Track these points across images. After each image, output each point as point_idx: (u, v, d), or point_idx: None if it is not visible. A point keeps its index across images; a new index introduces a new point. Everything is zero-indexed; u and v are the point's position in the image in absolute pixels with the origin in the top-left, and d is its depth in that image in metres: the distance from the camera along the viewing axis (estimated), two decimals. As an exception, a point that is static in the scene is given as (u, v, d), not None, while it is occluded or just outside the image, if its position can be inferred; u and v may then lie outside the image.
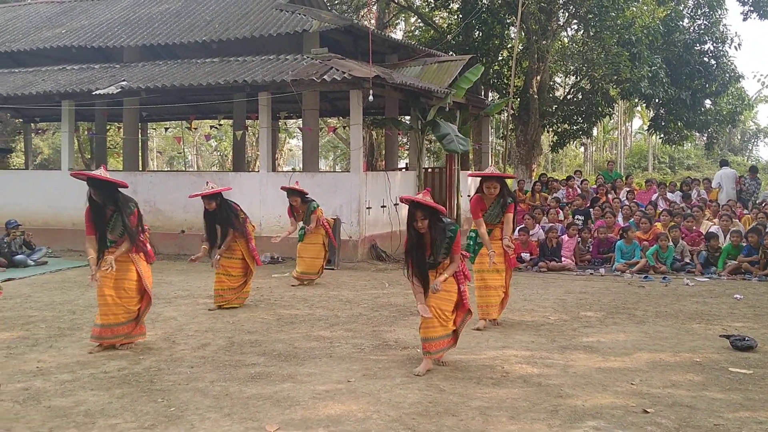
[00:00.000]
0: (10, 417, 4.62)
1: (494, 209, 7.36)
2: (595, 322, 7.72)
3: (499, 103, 18.44)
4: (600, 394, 5.12)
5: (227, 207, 8.26)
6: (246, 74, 12.98)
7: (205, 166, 50.04)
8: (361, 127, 13.23)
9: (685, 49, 21.76)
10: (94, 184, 6.25)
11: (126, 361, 5.96)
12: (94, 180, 6.25)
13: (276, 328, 7.31)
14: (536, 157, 22.09)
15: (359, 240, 12.71)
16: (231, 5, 16.45)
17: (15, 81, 15.25)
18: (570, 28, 23.39)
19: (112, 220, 6.31)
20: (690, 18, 22.76)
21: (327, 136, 36.93)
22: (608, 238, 12.38)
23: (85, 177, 6.34)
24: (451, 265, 5.78)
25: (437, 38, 22.61)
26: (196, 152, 49.26)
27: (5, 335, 6.93)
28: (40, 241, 13.07)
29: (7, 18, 18.71)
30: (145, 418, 4.60)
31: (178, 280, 10.60)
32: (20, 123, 23.98)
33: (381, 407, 4.80)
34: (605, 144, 54.05)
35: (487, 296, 7.39)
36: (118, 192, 6.36)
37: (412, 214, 5.67)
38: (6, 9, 20.11)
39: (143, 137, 18.89)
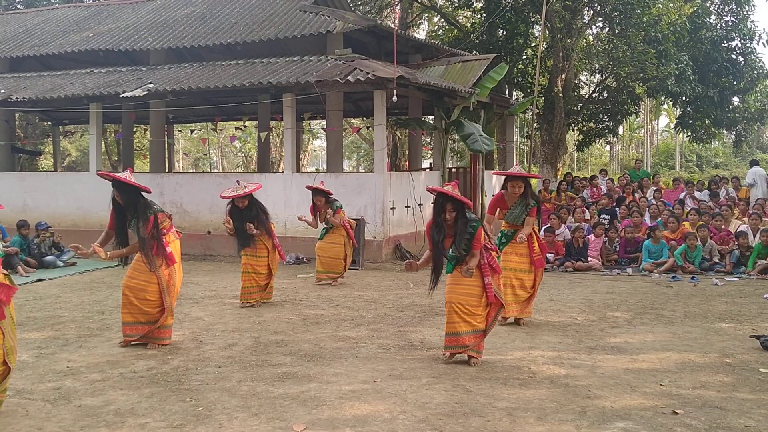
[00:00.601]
0: (41, 416, 4.69)
1: (516, 209, 7.34)
2: (623, 322, 7.65)
3: (524, 102, 18.34)
4: (628, 395, 5.08)
5: (257, 205, 8.44)
6: (270, 76, 13.05)
7: (230, 167, 50.38)
8: (384, 127, 13.23)
9: (712, 46, 21.48)
10: (118, 187, 6.34)
11: (154, 361, 6.03)
12: (119, 182, 6.35)
13: (302, 328, 7.34)
14: (561, 156, 21.93)
15: (383, 240, 12.72)
16: (256, 7, 16.55)
17: (44, 84, 15.48)
18: (595, 26, 23.19)
19: (132, 223, 6.40)
20: (717, 14, 22.48)
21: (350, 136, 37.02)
22: (635, 238, 12.26)
23: (110, 178, 6.41)
24: (471, 261, 5.80)
25: (461, 38, 22.55)
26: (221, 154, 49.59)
27: (36, 335, 7.04)
28: (69, 242, 13.23)
29: (35, 22, 19.00)
30: (173, 417, 4.65)
31: (204, 280, 10.69)
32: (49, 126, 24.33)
33: (407, 408, 4.80)
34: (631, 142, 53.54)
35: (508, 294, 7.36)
36: (141, 197, 6.43)
37: (441, 205, 5.70)
38: (35, 13, 20.43)
39: (169, 139, 19.07)
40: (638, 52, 18.62)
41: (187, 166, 48.67)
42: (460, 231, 5.69)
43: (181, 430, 4.43)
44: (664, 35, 19.22)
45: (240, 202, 8.29)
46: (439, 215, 5.73)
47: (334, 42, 14.16)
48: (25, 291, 9.77)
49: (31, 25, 18.73)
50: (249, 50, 15.04)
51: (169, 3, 18.50)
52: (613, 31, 20.57)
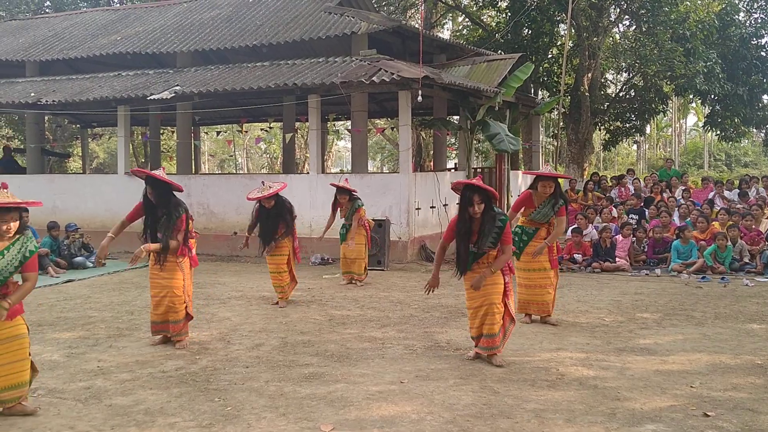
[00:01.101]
0: (72, 415, 4.76)
1: (544, 208, 7.33)
2: (652, 323, 7.56)
3: (550, 101, 18.22)
4: (659, 397, 5.02)
5: (284, 205, 8.54)
6: (296, 77, 13.11)
7: (255, 168, 50.68)
8: (410, 127, 13.22)
9: (741, 44, 21.15)
10: (151, 183, 6.40)
11: (183, 361, 6.08)
12: (153, 179, 6.41)
13: (328, 329, 7.35)
14: (588, 155, 21.77)
15: (409, 241, 12.71)
16: (281, 9, 16.63)
17: (73, 87, 15.70)
18: (622, 24, 22.99)
19: (161, 221, 6.44)
20: (746, 11, 22.16)
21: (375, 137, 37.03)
22: (664, 238, 12.11)
23: (144, 175, 6.47)
24: (501, 257, 5.80)
25: (485, 37, 22.46)
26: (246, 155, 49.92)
27: (67, 335, 7.13)
28: (98, 243, 13.37)
29: (64, 26, 19.26)
30: (202, 417, 4.68)
31: (231, 281, 10.76)
32: (77, 128, 24.67)
33: (435, 408, 4.78)
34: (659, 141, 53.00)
35: (537, 294, 7.43)
36: (172, 194, 6.49)
37: (469, 198, 5.66)
38: (63, 17, 20.72)
39: (196, 141, 19.23)
40: (666, 50, 18.40)
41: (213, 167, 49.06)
42: (489, 224, 5.66)
43: (210, 429, 4.46)
44: (692, 33, 18.97)
45: (267, 202, 8.37)
46: (466, 209, 5.68)
47: (359, 43, 14.18)
48: (56, 291, 9.91)
49: (60, 29, 19.00)
50: (274, 52, 15.12)
51: (196, 6, 18.66)
52: (640, 29, 20.36)
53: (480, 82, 14.10)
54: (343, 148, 50.97)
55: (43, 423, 4.60)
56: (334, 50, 14.60)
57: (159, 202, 6.43)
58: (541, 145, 22.52)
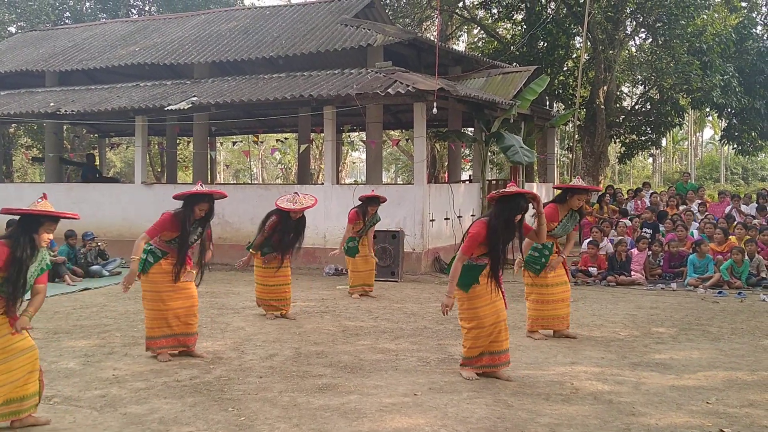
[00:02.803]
0: (88, 423, 4.79)
1: (568, 222, 7.30)
2: (668, 338, 7.51)
3: (565, 114, 18.20)
4: (674, 413, 4.98)
5: (304, 217, 8.52)
6: (311, 88, 13.18)
7: (270, 178, 50.91)
8: (424, 139, 13.25)
9: (758, 57, 21.07)
10: (212, 200, 6.48)
11: (197, 370, 6.10)
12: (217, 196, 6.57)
13: (341, 340, 7.36)
14: (603, 168, 21.69)
15: (423, 252, 12.70)
16: (297, 21, 16.76)
17: (92, 98, 15.87)
18: (638, 37, 22.95)
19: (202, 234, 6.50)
20: (763, 25, 22.12)
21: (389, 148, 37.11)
22: (680, 252, 12.03)
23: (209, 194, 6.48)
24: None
25: (501, 49, 22.50)
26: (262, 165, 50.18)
27: (83, 343, 7.18)
28: (115, 252, 13.51)
29: (84, 37, 19.50)
30: (216, 426, 4.69)
31: (245, 290, 10.79)
32: (95, 138, 24.90)
33: (448, 422, 4.77)
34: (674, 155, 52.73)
35: (559, 308, 7.35)
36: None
37: (520, 206, 5.57)
38: (83, 28, 20.97)
39: (212, 151, 19.37)
40: (682, 63, 18.35)
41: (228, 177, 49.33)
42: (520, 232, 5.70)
43: (224, 439, 4.47)
44: (708, 46, 18.91)
45: (296, 214, 8.33)
46: (513, 217, 5.55)
47: (375, 55, 14.25)
48: (72, 300, 9.99)
49: (80, 40, 19.23)
50: (290, 63, 15.23)
51: (213, 18, 18.85)
52: (657, 42, 20.32)
53: (495, 95, 14.12)
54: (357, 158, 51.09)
55: (58, 431, 4.63)
56: (350, 62, 14.68)
57: (208, 216, 6.49)
58: (556, 157, 22.46)
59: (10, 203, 15.75)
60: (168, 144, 20.40)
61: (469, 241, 5.54)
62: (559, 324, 7.40)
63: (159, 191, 15.27)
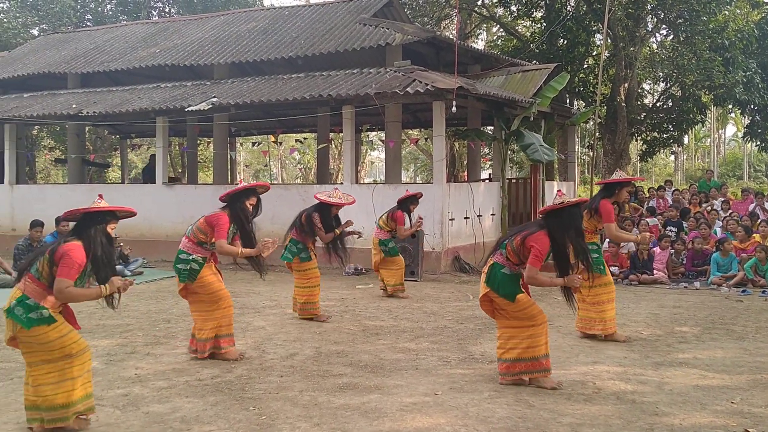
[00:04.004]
0: (111, 422, 4.83)
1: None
2: (691, 337, 7.43)
3: (586, 111, 18.05)
4: (698, 413, 4.92)
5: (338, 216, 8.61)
6: (330, 88, 13.20)
7: (289, 178, 51.08)
8: (444, 138, 13.21)
9: (782, 53, 20.76)
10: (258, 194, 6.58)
11: (218, 369, 6.13)
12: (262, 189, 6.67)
13: (362, 339, 7.36)
14: (624, 166, 21.48)
15: (442, 252, 12.67)
16: (316, 21, 16.78)
17: (113, 99, 16.00)
18: (659, 34, 22.73)
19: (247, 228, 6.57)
20: (787, 20, 21.71)
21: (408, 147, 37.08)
22: (703, 250, 11.90)
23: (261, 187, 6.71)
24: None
25: (520, 47, 22.38)
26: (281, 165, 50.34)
27: (105, 342, 7.25)
28: (137, 252, 13.62)
29: (105, 39, 19.67)
30: (238, 425, 4.71)
31: (265, 290, 10.84)
32: (117, 139, 25.13)
33: (469, 421, 4.75)
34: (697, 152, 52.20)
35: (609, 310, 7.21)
36: None
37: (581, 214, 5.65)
38: (104, 30, 21.16)
39: (232, 152, 19.47)
40: (704, 60, 18.14)
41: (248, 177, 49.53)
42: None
43: (245, 438, 4.49)
44: (731, 42, 18.67)
45: (336, 209, 8.42)
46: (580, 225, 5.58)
47: (393, 54, 14.24)
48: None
49: (101, 42, 19.40)
50: (309, 63, 15.25)
51: (233, 18, 18.94)
52: (678, 38, 20.11)
53: (515, 93, 14.05)
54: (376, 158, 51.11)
55: (83, 429, 4.67)
56: (368, 61, 14.67)
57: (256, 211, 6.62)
58: (577, 155, 22.31)
59: (34, 204, 16.05)
60: (188, 145, 20.54)
61: (538, 257, 5.33)
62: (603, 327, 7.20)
63: (180, 191, 15.37)
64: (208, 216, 6.44)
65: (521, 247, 5.40)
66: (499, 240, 5.76)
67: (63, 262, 4.47)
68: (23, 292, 4.50)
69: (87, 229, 4.68)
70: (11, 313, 4.46)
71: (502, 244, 5.58)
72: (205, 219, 6.41)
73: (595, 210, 7.17)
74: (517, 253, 5.44)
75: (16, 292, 4.53)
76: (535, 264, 5.32)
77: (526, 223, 5.79)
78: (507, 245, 5.50)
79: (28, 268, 4.57)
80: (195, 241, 6.38)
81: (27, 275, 4.54)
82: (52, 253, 4.51)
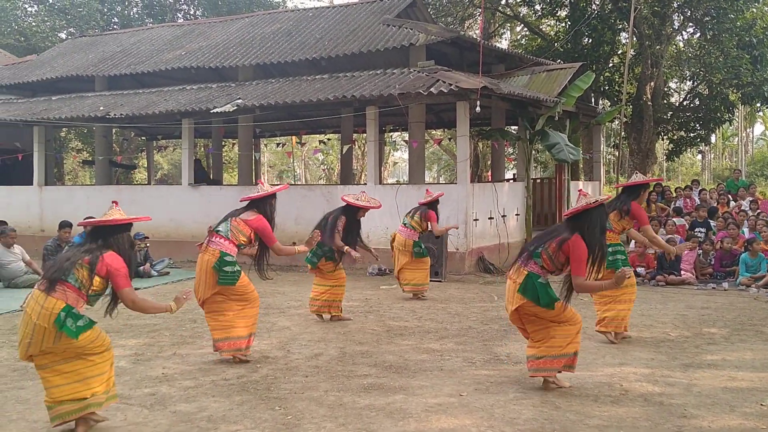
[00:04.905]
0: (138, 421, 4.88)
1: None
2: (720, 339, 7.33)
3: (611, 110, 17.91)
4: (727, 415, 4.86)
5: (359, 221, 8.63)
6: (354, 89, 13.22)
7: (312, 179, 51.24)
8: (467, 138, 13.17)
9: (811, 51, 20.41)
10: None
11: (244, 369, 6.17)
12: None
13: (386, 340, 7.36)
14: (650, 166, 21.26)
15: (466, 252, 12.63)
16: (340, 22, 16.83)
17: (140, 101, 16.18)
18: (685, 32, 22.46)
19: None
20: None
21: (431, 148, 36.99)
22: (732, 251, 11.74)
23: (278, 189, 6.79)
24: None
25: (545, 46, 22.24)
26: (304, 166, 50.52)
27: (133, 342, 7.33)
28: (163, 253, 13.77)
29: (131, 42, 19.89)
30: (264, 425, 4.74)
31: (290, 290, 10.89)
32: (143, 141, 25.40)
33: (495, 423, 4.73)
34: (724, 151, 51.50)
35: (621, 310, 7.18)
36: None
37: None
38: (131, 33, 21.40)
39: (256, 153, 19.59)
40: (732, 58, 17.92)
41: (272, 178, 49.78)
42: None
43: (271, 438, 4.51)
44: (759, 40, 18.42)
45: (361, 213, 8.45)
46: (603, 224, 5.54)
47: (417, 54, 14.23)
48: (122, 299, 10.17)
49: (128, 45, 19.62)
50: (333, 64, 15.30)
51: (257, 21, 19.06)
52: (705, 36, 19.87)
53: (539, 92, 13.97)
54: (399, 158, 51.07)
55: (110, 428, 4.73)
56: (392, 62, 14.68)
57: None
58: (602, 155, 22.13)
59: (62, 205, 16.28)
60: (213, 146, 20.70)
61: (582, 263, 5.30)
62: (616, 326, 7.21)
63: (205, 192, 15.49)
64: (247, 220, 6.43)
65: (558, 254, 5.30)
66: (527, 247, 5.58)
67: (117, 273, 4.60)
68: (66, 302, 4.42)
69: (113, 236, 4.75)
70: (64, 327, 4.35)
71: (536, 252, 5.39)
72: (246, 222, 6.41)
73: (626, 212, 7.17)
74: (552, 260, 5.32)
75: (58, 303, 4.40)
76: (581, 272, 5.26)
77: (553, 228, 5.67)
78: (542, 253, 5.34)
79: (61, 276, 4.48)
80: (236, 243, 6.38)
81: (65, 284, 4.46)
82: (93, 264, 4.53)
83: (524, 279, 5.34)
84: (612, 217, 7.22)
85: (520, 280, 5.36)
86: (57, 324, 4.35)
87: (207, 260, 6.26)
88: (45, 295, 4.44)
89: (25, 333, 4.43)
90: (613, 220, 7.23)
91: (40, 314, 4.38)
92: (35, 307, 4.42)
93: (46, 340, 4.40)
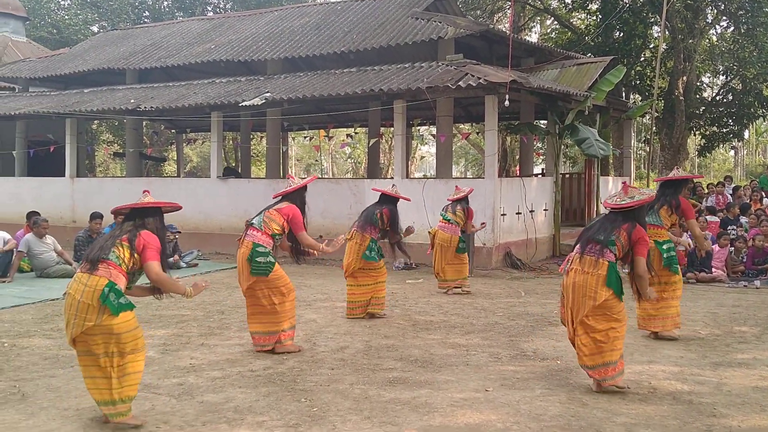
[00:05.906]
0: (166, 410, 4.93)
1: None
2: (751, 337, 7.21)
3: (642, 105, 17.68)
4: (758, 415, 4.78)
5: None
6: (382, 83, 13.20)
7: (340, 172, 51.37)
8: (496, 132, 13.08)
9: None
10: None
11: (270, 361, 6.21)
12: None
13: (412, 334, 7.36)
14: (682, 161, 20.98)
15: (493, 247, 12.57)
16: (368, 16, 16.81)
17: (169, 94, 16.32)
18: (719, 26, 22.11)
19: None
20: None
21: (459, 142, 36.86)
22: (764, 248, 11.54)
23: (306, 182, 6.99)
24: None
25: (575, 40, 22.04)
26: (332, 159, 50.66)
27: (162, 332, 7.41)
28: (192, 245, 13.89)
29: (162, 35, 20.07)
30: (289, 417, 4.77)
31: (316, 283, 10.93)
32: (173, 133, 25.65)
33: (521, 419, 4.71)
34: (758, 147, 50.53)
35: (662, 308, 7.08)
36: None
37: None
38: (161, 27, 21.60)
39: (284, 146, 19.69)
40: (766, 52, 17.58)
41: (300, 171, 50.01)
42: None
43: (297, 429, 4.54)
44: (794, 34, 18.08)
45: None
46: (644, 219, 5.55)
47: (445, 47, 14.16)
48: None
49: (158, 39, 19.80)
50: (361, 58, 15.29)
51: (286, 14, 19.11)
52: (739, 30, 19.53)
53: (569, 86, 13.83)
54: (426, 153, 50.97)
55: (138, 417, 4.78)
56: (420, 55, 14.63)
57: None
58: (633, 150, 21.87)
59: (93, 196, 16.50)
60: (242, 139, 20.84)
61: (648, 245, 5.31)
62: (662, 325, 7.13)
63: (233, 185, 15.59)
64: (279, 209, 6.57)
65: (627, 243, 5.22)
66: (592, 237, 5.28)
67: (150, 246, 4.69)
68: (110, 279, 4.50)
69: (147, 218, 4.88)
70: (106, 300, 4.41)
71: (610, 240, 5.17)
72: (278, 211, 6.54)
73: (676, 207, 7.12)
74: (623, 248, 5.23)
75: (101, 280, 4.47)
76: (645, 254, 5.30)
77: (603, 217, 5.47)
78: (616, 242, 5.17)
79: (102, 255, 4.56)
80: (270, 233, 6.44)
81: (107, 262, 4.54)
82: (131, 241, 4.65)
83: (608, 270, 5.13)
84: (663, 213, 7.13)
85: (604, 272, 5.12)
86: (101, 298, 4.43)
87: (242, 253, 6.40)
88: (88, 275, 4.53)
89: (70, 314, 4.51)
90: (663, 216, 7.13)
91: (84, 292, 4.47)
92: (78, 287, 4.51)
93: (89, 316, 4.43)
